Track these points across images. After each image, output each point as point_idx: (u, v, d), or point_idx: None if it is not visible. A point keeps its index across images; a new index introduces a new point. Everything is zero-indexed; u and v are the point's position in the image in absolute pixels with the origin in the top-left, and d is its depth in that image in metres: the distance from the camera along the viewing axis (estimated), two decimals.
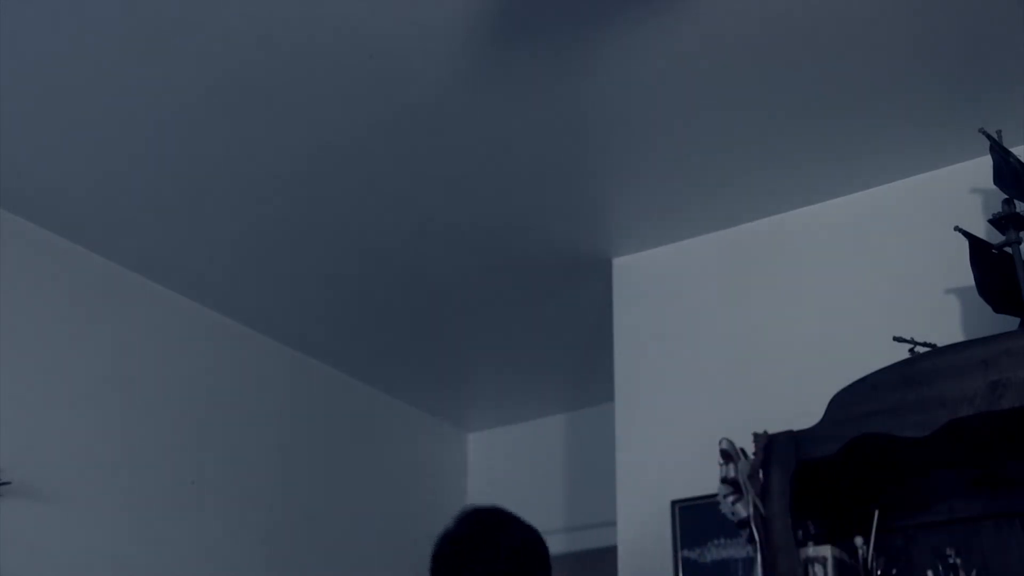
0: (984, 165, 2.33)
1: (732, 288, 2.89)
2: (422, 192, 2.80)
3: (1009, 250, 2.20)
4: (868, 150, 2.62)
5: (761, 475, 2.04)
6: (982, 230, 2.36)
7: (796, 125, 2.54)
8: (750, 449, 2.08)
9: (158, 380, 3.10)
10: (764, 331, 2.79)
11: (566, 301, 3.32)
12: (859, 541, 2.07)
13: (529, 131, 2.56)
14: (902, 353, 2.14)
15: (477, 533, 1.92)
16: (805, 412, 2.09)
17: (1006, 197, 2.24)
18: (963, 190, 2.59)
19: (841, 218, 2.79)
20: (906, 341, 2.20)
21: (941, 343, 2.08)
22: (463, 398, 4.02)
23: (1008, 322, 2.20)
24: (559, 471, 4.00)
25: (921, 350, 2.15)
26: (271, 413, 3.44)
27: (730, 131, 2.56)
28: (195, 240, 2.98)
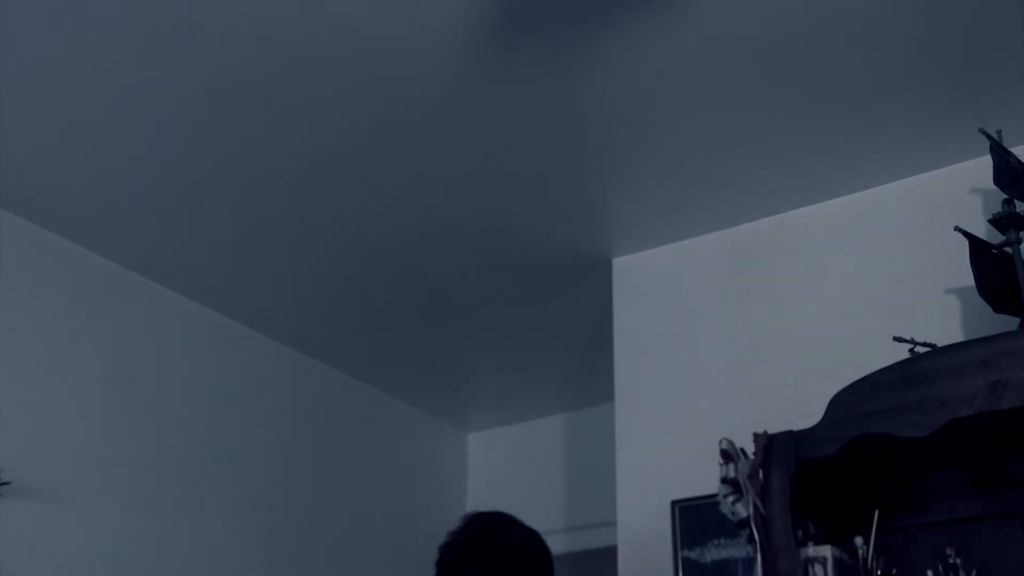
0: (984, 165, 2.33)
1: (732, 288, 2.88)
2: (422, 192, 2.80)
3: (1009, 250, 2.20)
4: (868, 150, 2.62)
5: (761, 475, 2.04)
6: (982, 230, 2.36)
7: (796, 125, 2.54)
8: (750, 449, 2.08)
9: (158, 380, 3.11)
10: (764, 331, 2.79)
11: (566, 301, 3.32)
12: (859, 541, 2.07)
13: (529, 131, 2.56)
14: (902, 353, 2.14)
15: (480, 537, 1.95)
16: (805, 412, 2.09)
17: (1006, 197, 2.24)
18: (963, 190, 2.59)
19: (841, 218, 2.79)
20: (906, 341, 2.20)
21: (941, 343, 2.08)
22: (463, 398, 4.02)
23: (1008, 322, 2.20)
24: (559, 471, 3.99)
25: (921, 350, 2.15)
26: (271, 413, 3.44)
27: (730, 131, 2.56)
28: (195, 240, 2.98)
